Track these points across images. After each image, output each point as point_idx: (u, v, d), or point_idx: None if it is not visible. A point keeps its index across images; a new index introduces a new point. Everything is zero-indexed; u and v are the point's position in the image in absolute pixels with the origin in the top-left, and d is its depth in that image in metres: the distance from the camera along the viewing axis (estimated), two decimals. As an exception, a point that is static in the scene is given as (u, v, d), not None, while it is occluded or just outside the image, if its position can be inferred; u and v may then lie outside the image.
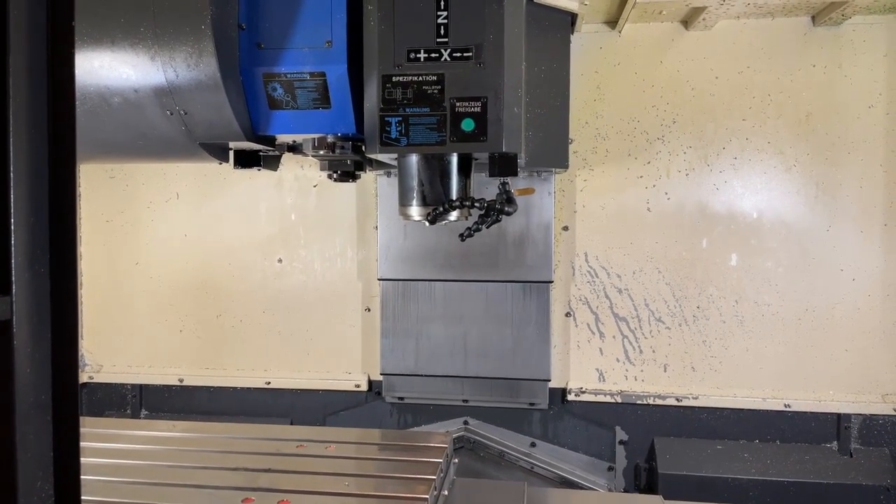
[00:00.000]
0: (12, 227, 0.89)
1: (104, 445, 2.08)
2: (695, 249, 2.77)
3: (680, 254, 2.78)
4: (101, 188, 3.14)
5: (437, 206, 1.81)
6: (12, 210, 0.90)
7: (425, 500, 1.68)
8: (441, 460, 1.91)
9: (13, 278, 0.88)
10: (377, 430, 2.72)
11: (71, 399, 0.91)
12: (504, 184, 1.80)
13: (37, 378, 0.90)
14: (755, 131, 2.71)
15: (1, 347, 0.87)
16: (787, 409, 2.71)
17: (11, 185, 0.90)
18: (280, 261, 3.06)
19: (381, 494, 1.74)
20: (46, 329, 0.91)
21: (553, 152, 2.36)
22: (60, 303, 0.93)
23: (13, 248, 0.89)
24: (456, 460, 2.07)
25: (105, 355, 3.17)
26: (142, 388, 3.13)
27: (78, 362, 0.92)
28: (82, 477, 1.82)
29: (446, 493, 1.93)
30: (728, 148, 2.73)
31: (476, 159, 1.90)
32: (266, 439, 2.11)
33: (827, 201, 2.69)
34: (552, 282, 2.81)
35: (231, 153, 2.19)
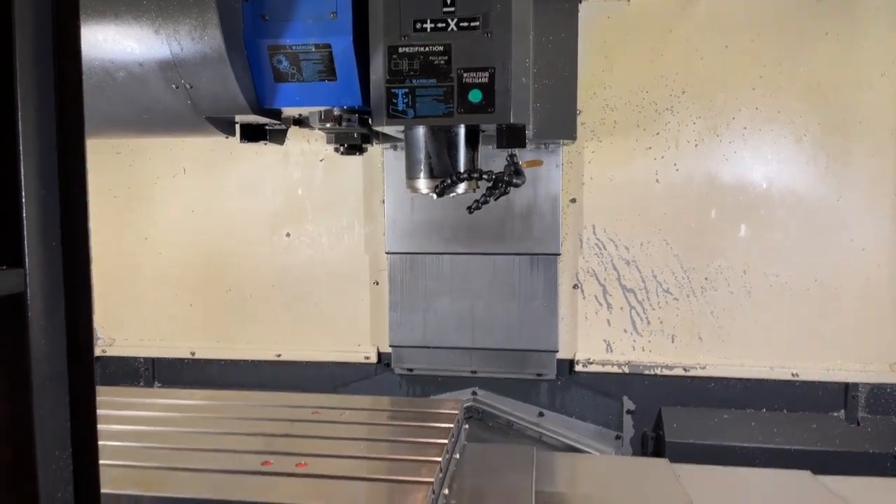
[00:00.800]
0: (23, 200, 0.90)
1: (123, 413, 2.14)
2: (703, 220, 2.76)
3: (688, 225, 2.77)
4: (107, 164, 3.14)
5: (444, 178, 1.81)
6: (23, 183, 0.91)
7: (437, 462, 1.72)
8: (452, 426, 1.96)
9: (26, 251, 0.89)
10: (390, 398, 2.77)
11: (86, 370, 0.93)
12: (512, 155, 1.79)
13: (52, 350, 0.92)
14: (765, 101, 2.67)
15: (15, 320, 0.89)
16: (795, 378, 2.72)
17: (21, 157, 0.90)
18: (288, 235, 3.07)
19: (394, 458, 1.79)
20: (60, 301, 0.92)
21: (561, 124, 2.34)
22: (73, 275, 0.94)
23: (25, 221, 0.90)
24: (466, 426, 2.11)
25: (117, 329, 3.21)
26: (154, 362, 3.17)
27: (93, 333, 0.93)
28: (102, 443, 1.87)
29: (458, 456, 1.99)
30: (738, 118, 2.70)
31: (483, 131, 1.89)
32: (282, 406, 2.17)
33: (837, 171, 2.66)
34: (560, 254, 2.80)
35: (237, 127, 2.19)
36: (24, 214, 0.91)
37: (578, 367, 2.88)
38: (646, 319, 2.84)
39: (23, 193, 0.91)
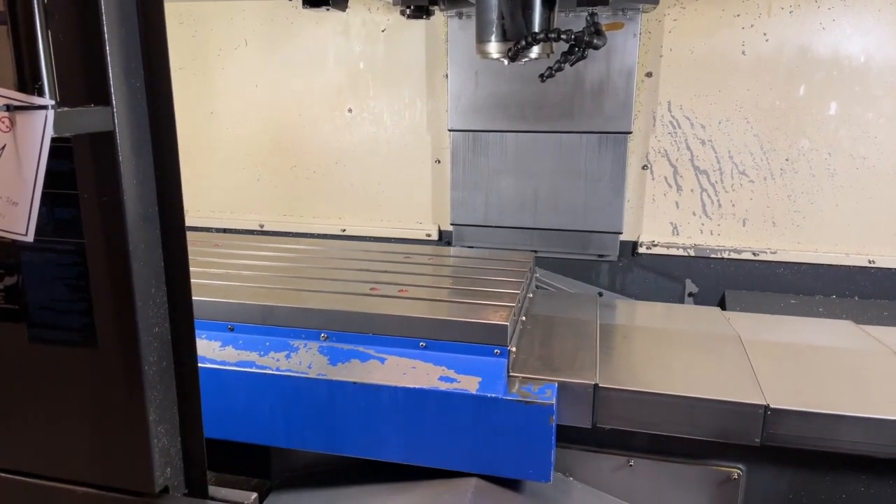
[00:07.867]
0: (106, 37, 0.89)
1: (239, 251, 2.42)
2: (790, 97, 2.57)
3: (773, 102, 2.59)
4: (170, 34, 3.11)
5: (518, 40, 1.71)
6: (104, 20, 0.90)
7: (516, 293, 2.01)
8: (527, 270, 2.27)
9: (112, 89, 0.89)
10: (468, 249, 2.96)
11: (177, 211, 0.95)
12: (593, 14, 1.67)
13: (143, 190, 0.94)
14: (876, -40, 2.39)
15: (108, 158, 0.90)
16: (871, 265, 2.61)
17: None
18: (350, 111, 3.03)
19: (479, 289, 2.06)
20: (147, 142, 0.93)
21: (642, -15, 2.17)
22: (158, 118, 0.95)
23: (108, 60, 0.89)
24: (537, 274, 2.34)
25: (189, 200, 3.29)
26: (226, 231, 3.29)
27: (179, 176, 0.95)
28: (231, 272, 2.08)
29: (531, 295, 2.31)
30: (841, -20, 2.43)
31: (561, -12, 1.76)
32: (377, 251, 2.54)
33: (950, 42, 2.40)
34: (630, 132, 2.69)
35: (300, -11, 2.11)
36: (108, 52, 0.90)
37: (642, 250, 2.84)
38: (717, 202, 2.74)
39: (105, 31, 0.90)
